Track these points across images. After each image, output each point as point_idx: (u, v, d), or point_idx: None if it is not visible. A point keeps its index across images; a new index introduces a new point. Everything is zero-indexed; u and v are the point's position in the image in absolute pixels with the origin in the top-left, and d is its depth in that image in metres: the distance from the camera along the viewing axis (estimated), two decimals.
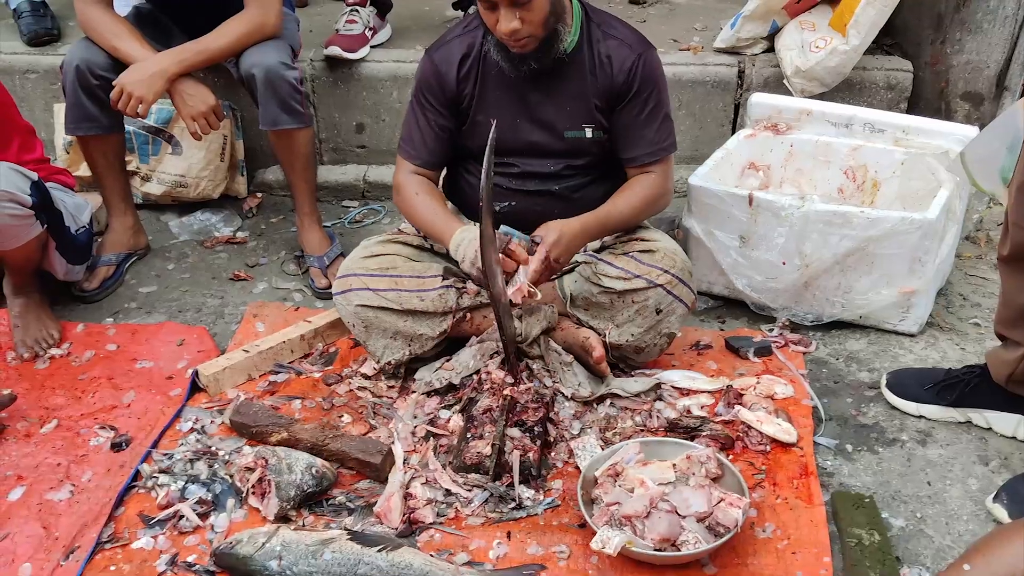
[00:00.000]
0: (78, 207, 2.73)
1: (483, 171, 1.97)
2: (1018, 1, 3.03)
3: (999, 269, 2.12)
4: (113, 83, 2.61)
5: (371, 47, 3.44)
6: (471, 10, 3.50)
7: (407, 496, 2.01)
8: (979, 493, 2.05)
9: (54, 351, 2.57)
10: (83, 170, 3.13)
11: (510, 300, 2.13)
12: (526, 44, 2.14)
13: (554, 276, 2.27)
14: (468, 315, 2.39)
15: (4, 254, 2.50)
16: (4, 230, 2.39)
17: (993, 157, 2.23)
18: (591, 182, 2.40)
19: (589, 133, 2.32)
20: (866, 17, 3.01)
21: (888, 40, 3.49)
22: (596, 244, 2.42)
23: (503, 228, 2.37)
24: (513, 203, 2.37)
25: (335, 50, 3.32)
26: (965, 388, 2.23)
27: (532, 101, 2.31)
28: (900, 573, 1.82)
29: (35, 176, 2.44)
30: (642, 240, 2.37)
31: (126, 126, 2.96)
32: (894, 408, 2.32)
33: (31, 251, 2.53)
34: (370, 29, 3.44)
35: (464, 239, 2.19)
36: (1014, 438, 2.21)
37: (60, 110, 3.11)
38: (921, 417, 2.28)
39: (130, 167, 3.14)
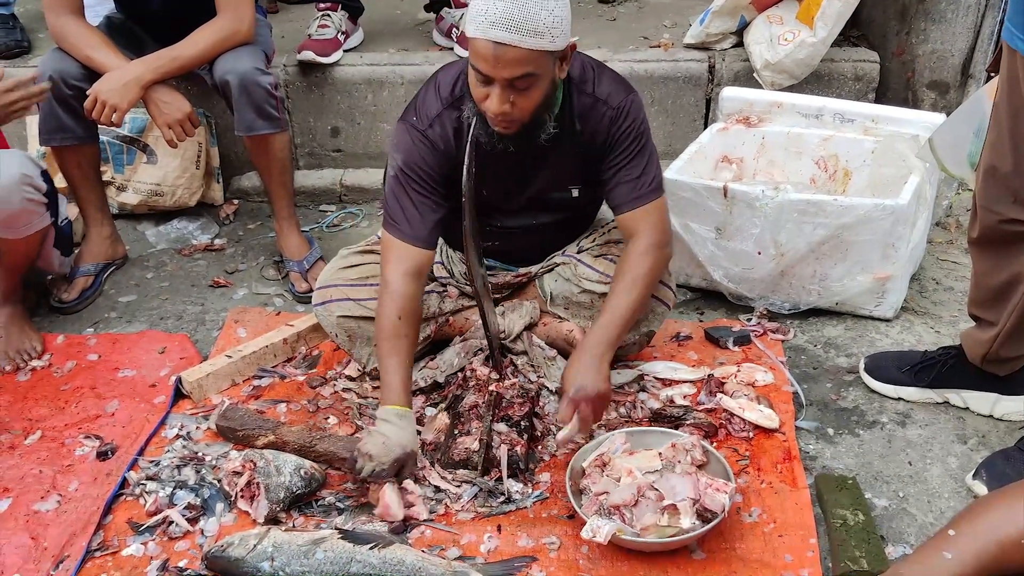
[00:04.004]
0: (61, 199, 2.73)
1: (464, 174, 1.97)
2: None
3: (970, 252, 2.16)
4: (87, 92, 2.60)
5: (344, 51, 3.45)
6: (443, 11, 3.54)
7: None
8: (959, 471, 2.10)
9: (35, 363, 2.55)
10: (58, 181, 3.09)
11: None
12: (509, 127, 2.01)
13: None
14: (450, 318, 2.40)
15: (8, 246, 2.49)
16: (19, 216, 2.40)
17: (961, 142, 2.27)
18: (574, 218, 2.39)
19: (575, 193, 2.27)
20: (832, 9, 3.05)
21: (855, 32, 3.54)
22: (574, 247, 2.41)
23: (487, 262, 2.37)
24: (497, 242, 2.35)
25: (308, 54, 3.32)
26: (941, 369, 2.27)
27: (522, 169, 2.21)
28: (885, 551, 1.85)
29: (44, 165, 2.46)
30: (620, 243, 2.35)
31: (100, 136, 2.94)
32: (873, 391, 2.36)
33: (33, 245, 2.54)
34: (342, 33, 3.44)
35: (381, 433, 2.01)
36: (991, 416, 2.25)
37: (33, 122, 3.09)
38: (900, 399, 2.32)
39: (105, 177, 3.12)
